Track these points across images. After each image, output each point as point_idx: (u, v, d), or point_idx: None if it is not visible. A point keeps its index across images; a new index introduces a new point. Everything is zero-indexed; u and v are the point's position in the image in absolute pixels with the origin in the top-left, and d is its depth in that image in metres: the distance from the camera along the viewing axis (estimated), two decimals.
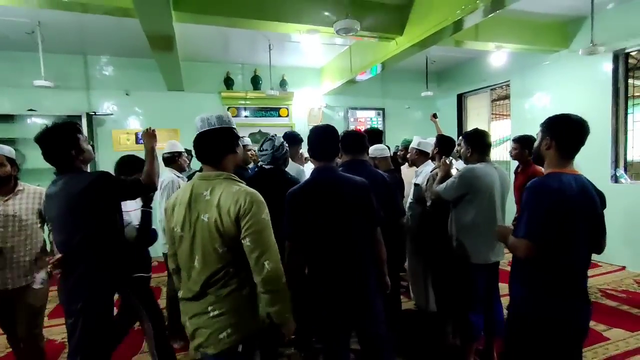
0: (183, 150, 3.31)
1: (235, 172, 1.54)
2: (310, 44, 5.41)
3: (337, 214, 1.80)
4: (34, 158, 5.29)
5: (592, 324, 3.11)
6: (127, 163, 2.48)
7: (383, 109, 7.41)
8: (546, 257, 1.54)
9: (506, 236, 1.68)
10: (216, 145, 1.48)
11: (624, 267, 4.59)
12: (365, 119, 7.33)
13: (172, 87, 5.78)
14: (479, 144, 2.54)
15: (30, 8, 3.69)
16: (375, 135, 3.34)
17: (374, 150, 3.05)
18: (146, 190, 2.02)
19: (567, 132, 1.63)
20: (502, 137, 6.69)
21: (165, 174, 3.06)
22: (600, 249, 1.68)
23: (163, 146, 3.37)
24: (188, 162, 3.40)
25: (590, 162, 4.84)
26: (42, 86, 4.41)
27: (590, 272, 4.15)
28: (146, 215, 2.42)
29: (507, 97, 6.40)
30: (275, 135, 2.66)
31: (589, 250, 1.63)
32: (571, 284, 1.58)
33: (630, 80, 4.72)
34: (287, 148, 2.62)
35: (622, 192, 4.64)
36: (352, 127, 7.05)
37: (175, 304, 2.90)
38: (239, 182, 1.49)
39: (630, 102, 4.73)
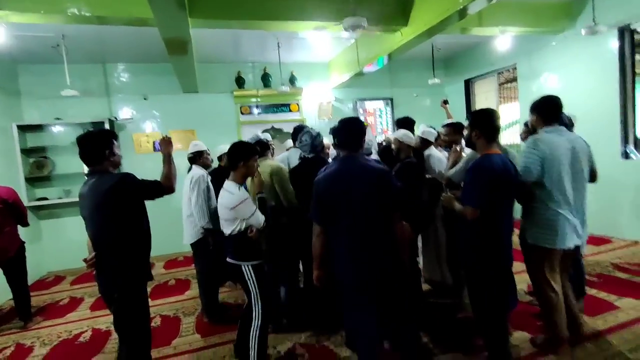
0: (205, 149, 3.54)
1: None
2: (317, 40, 5.56)
3: (359, 199, 2.00)
4: (63, 164, 5.64)
5: (603, 295, 3.26)
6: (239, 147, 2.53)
7: (391, 99, 7.53)
8: (484, 216, 2.08)
9: (451, 203, 2.27)
10: None
11: (636, 242, 4.66)
12: (375, 110, 7.46)
13: (187, 90, 6.01)
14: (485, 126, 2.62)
15: (54, 23, 3.93)
16: (407, 123, 3.46)
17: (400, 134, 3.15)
18: (164, 192, 2.18)
19: (485, 123, 2.18)
20: (511, 120, 6.73)
21: (195, 171, 3.37)
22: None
23: (180, 146, 3.65)
24: (211, 159, 3.61)
25: (600, 140, 4.92)
26: (69, 96, 4.67)
27: (602, 248, 4.28)
28: None
29: (514, 80, 6.44)
30: (307, 126, 3.01)
31: (511, 208, 2.21)
32: (498, 235, 2.14)
33: (638, 57, 4.74)
34: (322, 137, 3.02)
35: (633, 168, 4.70)
36: (361, 119, 7.20)
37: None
38: None
39: (638, 79, 4.76)
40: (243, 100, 6.58)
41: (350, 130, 2.13)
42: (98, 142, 2.06)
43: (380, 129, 7.54)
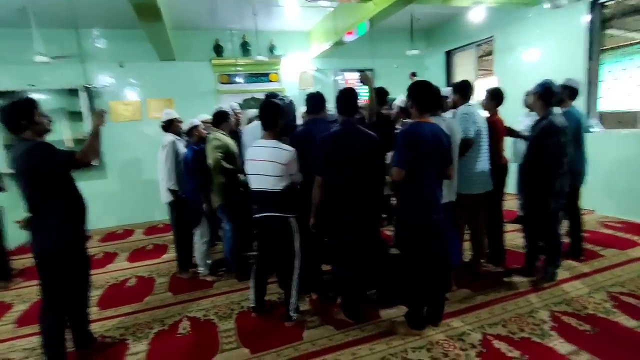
0: (177, 116, 3.64)
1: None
2: (295, 8, 5.50)
3: (355, 156, 2.42)
4: None
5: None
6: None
7: (372, 70, 7.53)
8: (408, 178, 2.31)
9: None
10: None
11: (593, 211, 4.93)
12: (355, 81, 7.48)
13: (164, 57, 5.96)
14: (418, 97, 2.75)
15: None
16: (380, 93, 3.59)
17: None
18: (77, 165, 2.18)
19: (418, 94, 2.39)
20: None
21: (167, 137, 3.52)
22: (448, 176, 2.51)
23: (159, 116, 3.73)
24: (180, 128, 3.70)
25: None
26: (41, 62, 4.61)
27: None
28: None
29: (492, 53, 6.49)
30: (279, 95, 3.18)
31: (437, 174, 2.41)
32: (424, 196, 2.37)
33: (611, 31, 4.82)
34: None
35: (592, 141, 4.88)
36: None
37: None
38: None
39: (606, 54, 4.86)
40: (222, 69, 6.54)
41: (345, 99, 2.56)
42: (16, 112, 2.11)
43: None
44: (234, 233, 3.43)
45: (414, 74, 4.79)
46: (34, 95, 5.49)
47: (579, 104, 4.89)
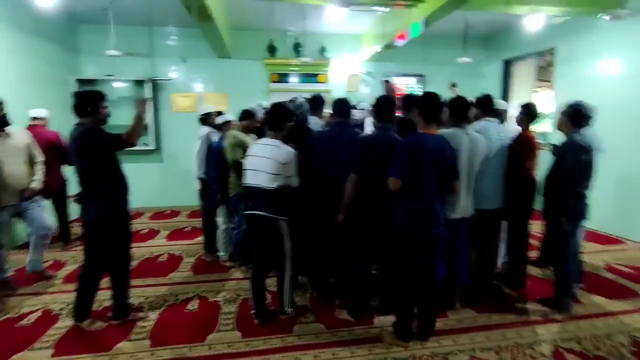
0: (213, 110, 3.99)
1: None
2: (341, 12, 5.57)
3: (386, 159, 2.40)
4: (114, 115, 6.38)
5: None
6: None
7: (424, 75, 7.37)
8: (405, 189, 2.30)
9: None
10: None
11: None
12: (405, 86, 7.37)
13: (221, 55, 6.41)
14: (454, 111, 2.73)
15: None
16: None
17: None
18: (124, 146, 2.45)
19: (425, 105, 2.37)
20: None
21: (203, 129, 3.88)
22: (453, 189, 2.49)
23: (216, 107, 4.19)
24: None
25: (622, 135, 4.65)
26: (113, 55, 5.25)
27: (608, 248, 4.01)
28: None
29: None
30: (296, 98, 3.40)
31: (439, 187, 2.37)
32: (421, 209, 2.34)
33: None
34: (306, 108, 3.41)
35: None
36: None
37: None
38: None
39: None
40: (274, 68, 6.86)
41: (383, 107, 2.69)
42: (84, 100, 2.47)
43: None
44: (239, 224, 3.64)
45: (454, 85, 4.62)
46: (111, 84, 6.32)
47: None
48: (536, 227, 3.85)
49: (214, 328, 2.70)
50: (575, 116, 2.70)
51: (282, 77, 6.94)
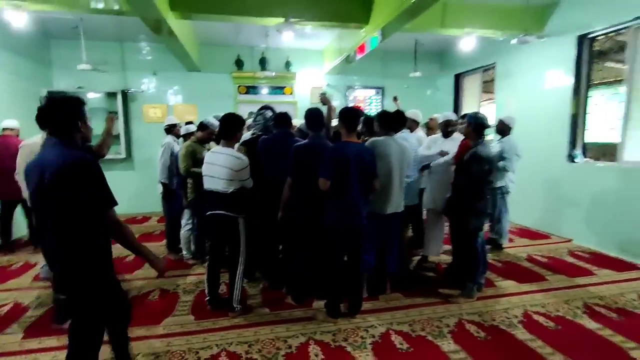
0: (178, 122, 4.39)
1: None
2: (310, 29, 6.03)
3: (318, 163, 2.77)
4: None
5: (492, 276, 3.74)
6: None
7: (383, 88, 7.94)
8: (333, 189, 2.72)
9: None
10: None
11: (571, 240, 4.99)
12: (365, 98, 7.92)
13: (190, 68, 6.80)
14: (382, 122, 3.19)
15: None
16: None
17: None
18: (96, 157, 2.63)
19: (345, 118, 2.85)
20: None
21: (166, 139, 4.26)
22: (373, 188, 2.89)
23: (184, 119, 4.59)
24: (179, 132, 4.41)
25: (549, 141, 5.25)
26: (84, 69, 5.57)
27: (535, 242, 4.56)
28: None
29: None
30: (264, 109, 3.71)
31: (361, 187, 2.80)
32: (346, 205, 2.76)
33: (600, 65, 4.91)
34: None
35: (575, 171, 4.96)
36: (351, 105, 7.72)
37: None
38: None
39: (597, 87, 4.94)
40: (241, 81, 7.29)
41: (312, 117, 3.09)
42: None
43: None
44: (198, 225, 4.02)
45: (395, 98, 5.15)
46: (82, 96, 6.59)
47: (563, 134, 5.06)
48: None
49: (171, 313, 3.05)
50: (477, 127, 3.15)
51: (249, 90, 7.37)
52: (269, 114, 3.71)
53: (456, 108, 7.65)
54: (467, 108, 7.47)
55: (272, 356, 2.46)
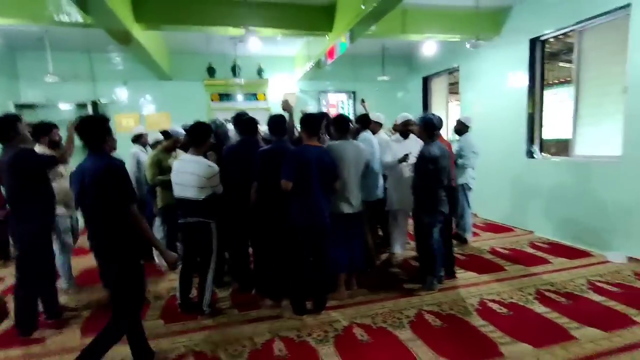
0: (144, 132, 4.43)
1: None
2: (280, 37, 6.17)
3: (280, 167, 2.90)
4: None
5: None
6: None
7: (354, 92, 8.13)
8: (296, 191, 2.84)
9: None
10: None
11: (532, 232, 5.24)
12: (337, 102, 8.10)
13: (161, 77, 6.84)
14: (338, 127, 3.33)
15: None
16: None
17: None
18: (57, 164, 2.87)
19: (305, 123, 3.01)
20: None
21: (133, 149, 4.31)
22: (333, 190, 3.07)
23: (156, 128, 4.60)
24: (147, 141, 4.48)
25: (510, 139, 5.51)
26: (51, 82, 5.55)
27: (499, 235, 4.80)
28: None
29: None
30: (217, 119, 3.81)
31: (322, 188, 2.95)
32: (309, 206, 2.92)
33: (554, 66, 5.21)
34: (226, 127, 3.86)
35: (535, 166, 5.23)
36: (324, 110, 7.89)
37: None
38: None
39: (551, 87, 5.24)
40: (213, 89, 7.37)
41: (277, 123, 3.21)
42: (2, 125, 2.72)
43: None
44: (168, 233, 4.05)
45: (363, 101, 5.31)
46: (51, 107, 6.55)
47: (522, 131, 5.32)
48: None
49: (142, 318, 3.09)
50: (427, 127, 3.32)
51: (222, 97, 7.45)
52: (219, 121, 3.94)
53: (425, 109, 7.91)
54: (435, 109, 7.74)
55: (237, 354, 2.55)
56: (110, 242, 2.08)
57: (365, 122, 3.83)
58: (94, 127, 2.13)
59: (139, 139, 4.41)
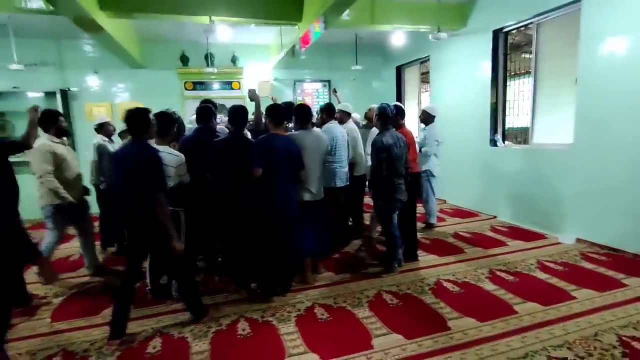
0: (108, 120, 4.48)
1: None
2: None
3: (240, 156, 3.01)
4: (22, 127, 6.45)
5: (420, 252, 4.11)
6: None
7: (329, 81, 8.21)
8: (262, 178, 2.95)
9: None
10: None
11: (495, 216, 5.52)
12: (312, 91, 8.17)
13: (133, 65, 6.74)
14: (298, 117, 3.42)
15: None
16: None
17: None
18: (22, 149, 2.79)
19: (271, 113, 3.13)
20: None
21: (96, 139, 4.38)
22: (300, 177, 3.18)
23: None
24: (113, 129, 4.51)
25: (476, 128, 5.72)
26: (16, 69, 5.43)
27: (464, 220, 4.95)
28: None
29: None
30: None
31: (290, 175, 3.09)
32: (277, 194, 3.02)
33: (527, 55, 5.39)
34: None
35: (498, 154, 5.48)
36: (299, 99, 7.96)
37: None
38: None
39: (514, 78, 5.45)
40: (187, 77, 7.31)
41: (235, 114, 3.20)
42: None
43: (317, 109, 8.25)
44: None
45: (335, 91, 5.44)
46: (19, 96, 6.40)
47: (486, 121, 5.55)
48: None
49: (111, 305, 3.19)
50: (381, 117, 3.43)
51: (196, 85, 7.41)
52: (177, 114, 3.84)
53: (399, 98, 8.07)
54: (409, 98, 7.91)
55: (202, 333, 2.68)
56: (151, 217, 2.51)
57: (331, 112, 3.93)
58: (141, 118, 2.51)
59: (102, 128, 4.40)
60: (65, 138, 3.60)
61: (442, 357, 2.32)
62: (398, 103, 4.03)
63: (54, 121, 3.43)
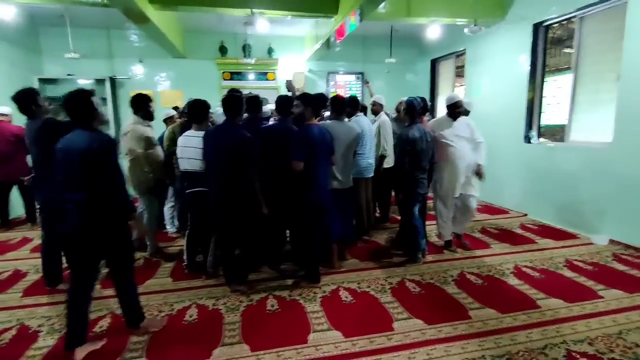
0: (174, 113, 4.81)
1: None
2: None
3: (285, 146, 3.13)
4: None
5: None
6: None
7: (362, 73, 8.24)
8: (305, 170, 3.01)
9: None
10: None
11: (526, 214, 5.43)
12: (345, 83, 8.24)
13: (175, 55, 7.08)
14: (334, 108, 3.55)
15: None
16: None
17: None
18: None
19: (311, 103, 3.11)
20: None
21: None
22: (332, 163, 3.27)
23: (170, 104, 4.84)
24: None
25: (510, 124, 5.64)
26: (71, 57, 5.87)
27: (493, 217, 5.00)
28: None
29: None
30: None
31: (326, 165, 3.17)
32: (315, 183, 3.08)
33: (566, 50, 5.23)
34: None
35: (531, 151, 5.37)
36: (332, 91, 8.06)
37: None
38: None
39: (552, 74, 5.30)
40: (225, 67, 7.59)
41: (283, 103, 3.39)
42: (24, 99, 3.08)
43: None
44: (180, 202, 4.38)
45: (367, 82, 5.50)
46: (72, 83, 6.90)
47: (522, 116, 5.44)
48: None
49: (152, 276, 3.49)
50: (409, 110, 3.49)
51: (233, 75, 7.68)
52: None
53: (432, 92, 8.00)
54: (443, 92, 7.82)
55: (235, 307, 2.90)
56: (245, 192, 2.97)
57: (355, 105, 4.00)
58: (238, 101, 3.02)
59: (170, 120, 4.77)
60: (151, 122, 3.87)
61: (460, 343, 2.41)
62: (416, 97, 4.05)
63: (145, 105, 3.72)
